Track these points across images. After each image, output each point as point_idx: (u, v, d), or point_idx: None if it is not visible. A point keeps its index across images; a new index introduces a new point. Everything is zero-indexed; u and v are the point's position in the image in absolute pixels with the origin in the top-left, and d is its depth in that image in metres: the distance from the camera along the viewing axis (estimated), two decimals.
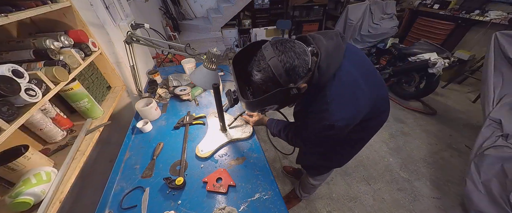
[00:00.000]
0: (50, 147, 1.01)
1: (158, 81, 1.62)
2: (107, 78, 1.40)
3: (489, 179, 1.36)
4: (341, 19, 3.46)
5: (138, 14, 2.43)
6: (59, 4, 0.97)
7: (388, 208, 1.67)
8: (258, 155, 1.02)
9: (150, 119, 1.25)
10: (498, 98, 1.64)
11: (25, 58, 0.91)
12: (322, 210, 1.67)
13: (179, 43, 0.96)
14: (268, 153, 2.16)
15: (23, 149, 0.80)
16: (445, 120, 2.51)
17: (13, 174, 0.77)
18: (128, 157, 1.05)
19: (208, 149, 1.04)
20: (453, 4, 3.02)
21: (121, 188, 0.90)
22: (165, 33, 3.45)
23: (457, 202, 1.69)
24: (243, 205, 0.82)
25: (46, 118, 0.96)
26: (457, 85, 3.13)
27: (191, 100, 1.45)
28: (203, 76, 0.87)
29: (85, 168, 0.97)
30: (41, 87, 0.80)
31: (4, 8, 0.75)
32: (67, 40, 1.03)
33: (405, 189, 1.80)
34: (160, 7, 3.60)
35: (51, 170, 0.83)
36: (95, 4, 1.17)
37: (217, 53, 0.85)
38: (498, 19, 2.56)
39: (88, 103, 1.11)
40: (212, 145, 1.05)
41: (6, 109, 0.67)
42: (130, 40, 1.12)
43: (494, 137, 1.48)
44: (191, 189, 0.88)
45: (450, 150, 2.14)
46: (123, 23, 1.39)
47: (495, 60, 1.70)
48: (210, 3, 4.32)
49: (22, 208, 0.71)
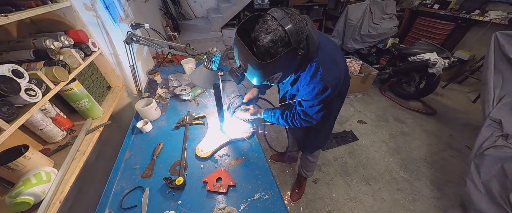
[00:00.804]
0: (50, 147, 1.01)
1: (158, 81, 1.62)
2: (107, 78, 1.40)
3: (489, 179, 1.36)
4: (341, 19, 3.46)
5: (138, 14, 2.43)
6: (59, 4, 0.97)
7: (388, 208, 1.67)
8: (258, 155, 1.02)
9: (150, 119, 1.25)
10: (498, 98, 1.64)
11: (25, 58, 0.91)
12: (322, 210, 1.67)
13: (179, 43, 0.96)
14: (268, 153, 2.16)
15: (23, 149, 0.80)
16: (445, 120, 2.51)
17: (13, 174, 0.77)
18: (128, 157, 1.05)
19: (208, 149, 1.04)
20: (453, 4, 3.02)
21: (121, 188, 0.90)
22: (165, 33, 3.45)
23: (457, 202, 1.69)
24: (243, 205, 0.82)
25: (46, 118, 0.96)
26: (457, 85, 3.13)
27: (191, 100, 1.45)
28: (203, 76, 0.87)
29: (85, 168, 0.97)
30: (41, 87, 0.80)
31: (4, 8, 0.74)
32: (67, 40, 1.03)
33: (405, 189, 1.80)
34: (160, 7, 3.60)
35: (51, 170, 0.82)
36: (95, 4, 1.17)
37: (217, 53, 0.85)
38: (498, 19, 2.56)
39: (88, 103, 1.11)
40: (212, 145, 1.05)
41: (6, 109, 0.67)
42: (130, 40, 1.12)
43: (494, 137, 1.48)
44: (191, 189, 0.88)
45: (450, 150, 2.14)
46: (123, 23, 1.39)
47: (495, 60, 1.70)
48: (210, 3, 4.32)
49: (22, 208, 0.71)
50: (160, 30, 2.85)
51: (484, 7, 2.79)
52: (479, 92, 2.60)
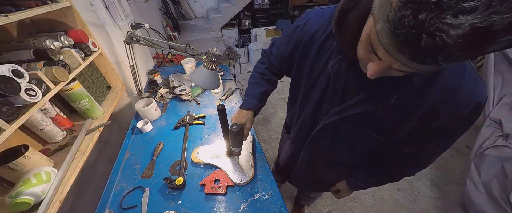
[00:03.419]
0: (50, 147, 1.01)
1: (158, 81, 1.62)
2: (107, 78, 1.40)
3: (489, 179, 1.36)
4: None
5: (138, 14, 2.43)
6: (59, 4, 0.97)
7: (388, 208, 1.67)
8: (258, 155, 1.02)
9: (150, 119, 1.25)
10: (498, 98, 1.64)
11: (25, 58, 0.91)
12: (322, 210, 1.67)
13: (179, 43, 0.96)
14: (268, 153, 2.16)
15: (23, 149, 0.80)
16: None
17: (13, 174, 0.77)
18: (128, 157, 1.05)
19: (204, 159, 0.97)
20: None
21: (121, 188, 0.90)
22: (165, 33, 3.45)
23: (457, 202, 1.69)
24: (243, 205, 0.81)
25: (46, 118, 0.96)
26: None
27: (191, 100, 1.45)
28: (203, 76, 0.87)
29: (85, 168, 0.97)
30: (41, 87, 0.80)
31: (4, 8, 0.74)
32: (67, 40, 1.03)
33: (405, 189, 1.80)
34: (160, 7, 3.60)
35: (51, 170, 0.82)
36: (95, 4, 1.17)
37: (217, 53, 0.85)
38: None
39: (88, 103, 1.11)
40: (209, 158, 0.97)
41: (6, 109, 0.67)
42: (130, 40, 1.12)
43: (494, 137, 1.48)
44: (191, 189, 0.88)
45: (450, 150, 2.11)
46: (123, 23, 1.39)
47: (495, 60, 1.70)
48: (210, 3, 4.32)
49: (22, 208, 0.70)
50: (160, 30, 2.85)
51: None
52: None
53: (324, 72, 0.58)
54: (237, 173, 0.90)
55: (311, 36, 0.59)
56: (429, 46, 0.26)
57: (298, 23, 0.64)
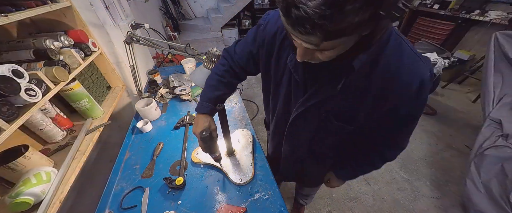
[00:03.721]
0: (50, 147, 1.01)
1: (158, 81, 1.62)
2: (107, 78, 1.40)
3: (489, 179, 1.36)
4: None
5: (138, 14, 2.43)
6: (59, 4, 0.97)
7: (388, 208, 1.67)
8: (258, 155, 1.02)
9: (150, 119, 1.25)
10: (498, 98, 1.64)
11: (25, 58, 0.91)
12: (322, 210, 1.67)
13: (179, 43, 0.96)
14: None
15: (23, 149, 0.80)
16: (445, 120, 2.51)
17: (13, 174, 0.77)
18: (128, 157, 1.05)
19: (204, 159, 0.96)
20: (453, 4, 3.02)
21: (121, 188, 0.90)
22: (165, 33, 3.45)
23: (457, 202, 1.69)
24: (243, 205, 0.81)
25: (46, 118, 0.96)
26: (457, 85, 3.12)
27: (191, 100, 1.45)
28: (203, 76, 0.87)
29: (85, 168, 0.97)
30: (41, 87, 0.80)
31: (4, 8, 0.75)
32: (67, 40, 1.03)
33: (405, 189, 1.80)
34: (160, 7, 3.61)
35: (51, 170, 0.82)
36: (95, 4, 1.17)
37: (217, 53, 0.86)
38: (498, 19, 2.56)
39: (88, 103, 1.11)
40: (209, 158, 0.89)
41: (6, 109, 0.67)
42: (130, 40, 1.12)
43: (494, 137, 1.48)
44: (191, 189, 0.88)
45: (450, 150, 2.14)
46: (123, 23, 1.39)
47: (495, 60, 1.70)
48: (210, 3, 4.33)
49: (22, 208, 0.70)
50: (160, 30, 2.85)
51: (484, 7, 2.79)
52: (479, 92, 2.60)
53: (287, 67, 0.61)
54: (237, 173, 0.90)
55: (272, 36, 0.63)
56: (298, 17, 0.31)
57: (261, 22, 0.67)
